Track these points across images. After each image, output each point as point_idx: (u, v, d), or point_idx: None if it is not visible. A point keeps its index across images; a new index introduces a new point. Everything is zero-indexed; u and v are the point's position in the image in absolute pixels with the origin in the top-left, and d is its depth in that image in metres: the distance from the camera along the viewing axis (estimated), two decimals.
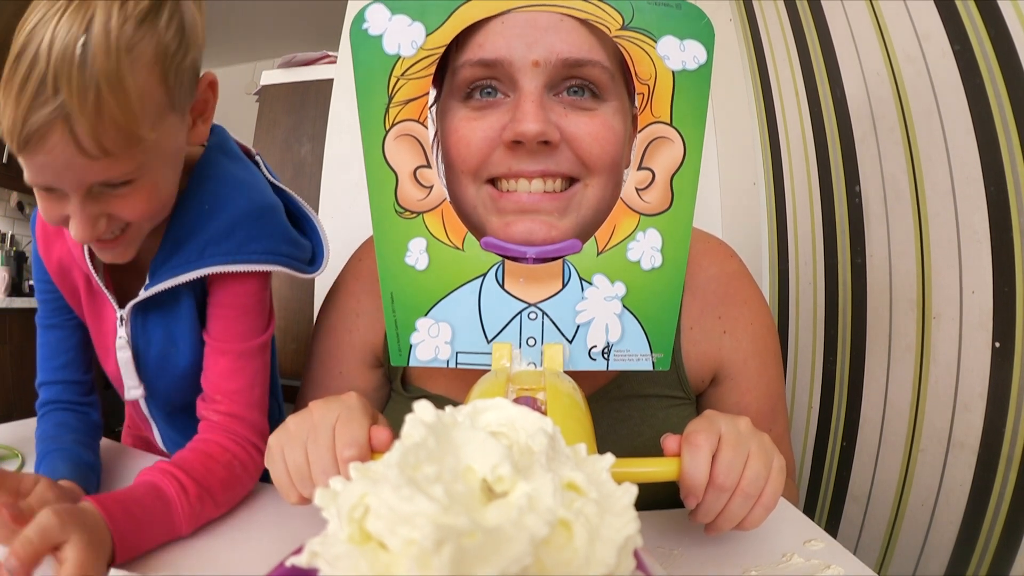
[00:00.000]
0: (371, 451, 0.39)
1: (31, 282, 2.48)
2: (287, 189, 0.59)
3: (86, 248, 0.51)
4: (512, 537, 0.17)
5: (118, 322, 0.54)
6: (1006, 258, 0.65)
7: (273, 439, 0.41)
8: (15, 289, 2.48)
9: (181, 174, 0.51)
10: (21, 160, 0.40)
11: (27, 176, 0.41)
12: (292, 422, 0.41)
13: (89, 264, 0.52)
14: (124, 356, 0.55)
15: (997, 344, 0.66)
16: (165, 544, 0.45)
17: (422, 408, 0.21)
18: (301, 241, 0.57)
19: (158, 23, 0.40)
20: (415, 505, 0.16)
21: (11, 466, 0.57)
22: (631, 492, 0.20)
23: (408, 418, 0.21)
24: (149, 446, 0.69)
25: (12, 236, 2.65)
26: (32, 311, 0.60)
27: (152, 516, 0.42)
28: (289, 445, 0.40)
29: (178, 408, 0.60)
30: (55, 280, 0.56)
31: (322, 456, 0.39)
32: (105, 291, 0.53)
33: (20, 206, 2.69)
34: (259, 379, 0.54)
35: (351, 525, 0.17)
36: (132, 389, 0.57)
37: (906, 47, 0.78)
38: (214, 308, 0.53)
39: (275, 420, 0.75)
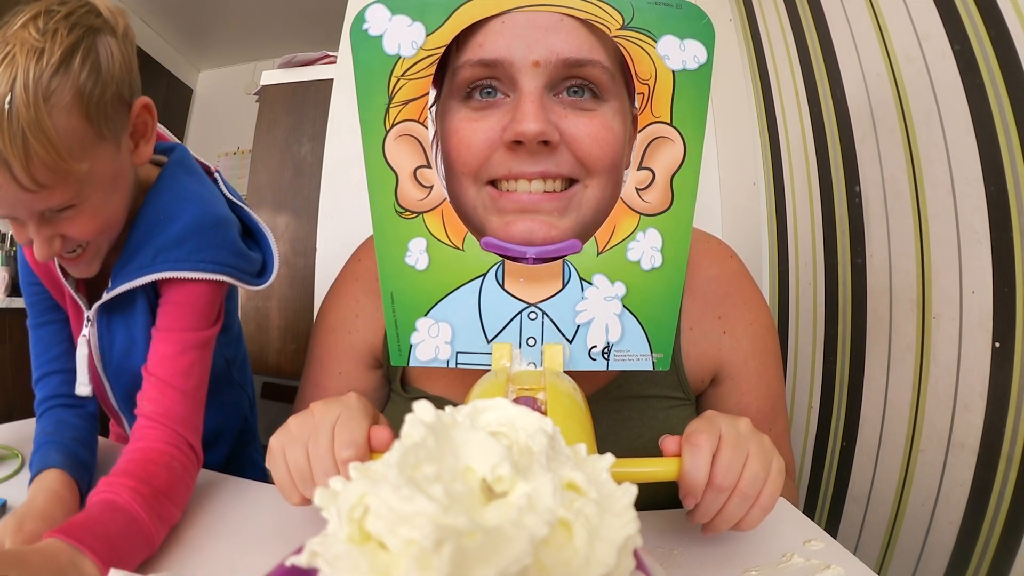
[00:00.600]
0: (371, 451, 0.39)
1: None
2: (243, 205, 0.63)
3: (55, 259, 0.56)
4: (512, 537, 0.17)
5: (85, 322, 0.58)
6: (1006, 258, 0.65)
7: (275, 440, 0.41)
8: (15, 289, 2.47)
9: (139, 189, 0.57)
10: None
11: None
12: (293, 423, 0.41)
13: (59, 272, 0.57)
14: (82, 352, 0.59)
15: (997, 344, 0.66)
16: (165, 544, 0.45)
17: (422, 408, 0.21)
18: (250, 255, 0.61)
19: (71, 69, 0.45)
20: (415, 505, 0.16)
21: (11, 466, 0.57)
22: (631, 492, 0.20)
23: (408, 418, 0.21)
24: (123, 438, 0.70)
25: (12, 236, 2.65)
26: None
27: (120, 529, 0.42)
28: (291, 446, 0.40)
29: None
30: (43, 280, 0.60)
31: (323, 457, 0.39)
32: (75, 294, 0.58)
33: None
34: (196, 371, 0.55)
35: (351, 525, 0.17)
36: (82, 386, 0.59)
37: (906, 47, 0.78)
38: (162, 305, 0.57)
39: (245, 415, 0.79)
